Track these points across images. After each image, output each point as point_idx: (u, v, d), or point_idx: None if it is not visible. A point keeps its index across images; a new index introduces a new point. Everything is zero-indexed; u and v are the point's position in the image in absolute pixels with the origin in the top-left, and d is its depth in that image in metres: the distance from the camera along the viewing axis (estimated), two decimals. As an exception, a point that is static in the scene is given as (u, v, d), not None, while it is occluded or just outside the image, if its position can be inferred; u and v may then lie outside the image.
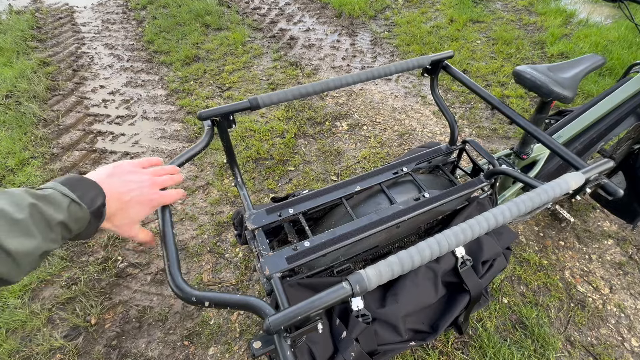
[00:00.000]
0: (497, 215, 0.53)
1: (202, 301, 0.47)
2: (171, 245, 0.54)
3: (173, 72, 3.04)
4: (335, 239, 0.77)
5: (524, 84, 0.88)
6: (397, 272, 0.47)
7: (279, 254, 0.74)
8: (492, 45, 3.24)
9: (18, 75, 2.95)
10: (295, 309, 0.43)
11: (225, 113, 0.76)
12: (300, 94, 0.80)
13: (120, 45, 3.48)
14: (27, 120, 2.50)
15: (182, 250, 1.76)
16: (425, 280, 0.82)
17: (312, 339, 0.71)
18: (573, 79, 0.86)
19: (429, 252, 0.49)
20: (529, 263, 1.67)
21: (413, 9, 3.94)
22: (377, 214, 0.82)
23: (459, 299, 0.85)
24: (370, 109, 2.61)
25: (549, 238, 1.79)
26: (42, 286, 1.61)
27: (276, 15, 3.94)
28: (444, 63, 0.94)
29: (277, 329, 0.42)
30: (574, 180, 0.59)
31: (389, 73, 0.86)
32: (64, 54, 3.35)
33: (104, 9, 4.24)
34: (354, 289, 0.45)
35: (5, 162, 2.18)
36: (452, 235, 0.51)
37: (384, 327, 0.78)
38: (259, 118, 2.53)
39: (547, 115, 0.97)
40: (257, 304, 0.46)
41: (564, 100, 0.87)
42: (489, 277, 0.90)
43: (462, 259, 0.85)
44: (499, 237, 0.91)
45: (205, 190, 2.06)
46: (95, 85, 2.95)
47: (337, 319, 0.76)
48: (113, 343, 1.44)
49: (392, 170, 0.93)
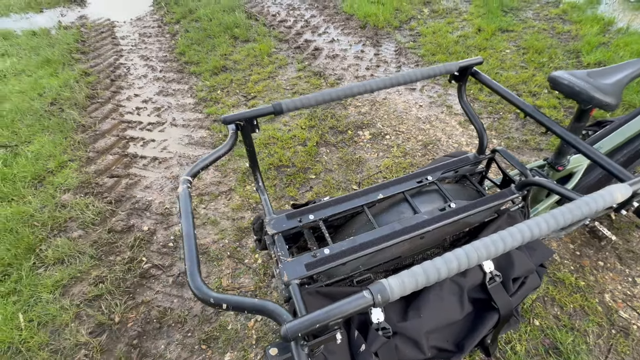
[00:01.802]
0: (532, 227, 0.50)
1: (219, 303, 0.47)
2: (192, 247, 0.54)
3: (202, 81, 3.17)
4: (356, 248, 0.75)
5: (561, 90, 0.83)
6: (422, 284, 0.45)
7: (298, 260, 0.73)
8: (522, 54, 3.13)
9: (62, 84, 3.18)
10: (313, 316, 0.42)
11: (249, 117, 0.77)
12: (324, 100, 0.80)
13: (154, 57, 3.68)
14: (67, 126, 2.68)
15: (203, 254, 1.79)
16: (450, 295, 0.78)
17: (329, 349, 0.68)
18: (616, 85, 0.80)
19: (456, 264, 0.46)
20: (564, 283, 1.56)
21: (439, 19, 3.90)
22: (400, 224, 0.79)
23: (487, 317, 0.80)
24: (393, 119, 2.58)
25: (587, 257, 1.67)
26: (72, 282, 1.69)
27: (302, 27, 4.03)
28: (472, 69, 0.91)
29: (295, 336, 0.41)
30: (620, 192, 0.54)
31: (414, 79, 0.85)
32: (103, 64, 3.59)
33: (142, 24, 4.51)
34: (375, 299, 0.43)
35: (46, 165, 2.34)
36: (482, 247, 0.47)
37: (405, 342, 0.74)
38: (282, 126, 2.57)
39: (586, 124, 0.91)
40: (275, 310, 0.45)
41: (606, 108, 0.81)
42: (520, 295, 0.85)
43: (491, 275, 0.80)
44: (532, 254, 0.86)
45: (228, 195, 2.10)
46: (130, 94, 3.12)
47: (355, 331, 0.74)
48: (134, 342, 1.47)
49: (417, 178, 0.91)
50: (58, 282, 1.67)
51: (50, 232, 1.92)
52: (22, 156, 2.39)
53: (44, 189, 2.16)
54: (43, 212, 2.01)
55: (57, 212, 2.01)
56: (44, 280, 1.68)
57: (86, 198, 2.10)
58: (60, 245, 1.82)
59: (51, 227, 1.94)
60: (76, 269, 1.73)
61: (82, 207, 2.03)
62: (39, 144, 2.49)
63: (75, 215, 2.00)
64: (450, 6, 4.17)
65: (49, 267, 1.75)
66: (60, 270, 1.72)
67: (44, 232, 1.91)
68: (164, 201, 2.09)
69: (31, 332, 1.50)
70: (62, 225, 1.96)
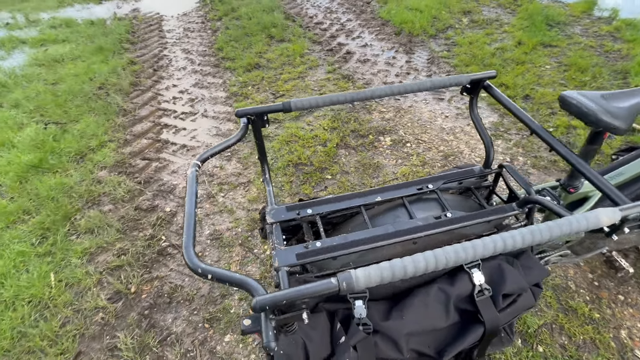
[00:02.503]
0: (506, 239, 0.51)
1: (206, 274, 0.53)
2: (191, 224, 0.60)
3: (235, 77, 3.31)
4: (347, 244, 0.78)
5: (570, 110, 0.81)
6: (387, 278, 0.48)
7: (291, 249, 0.78)
8: (563, 71, 2.98)
9: (111, 70, 3.45)
10: (281, 293, 0.46)
11: (260, 112, 0.83)
12: (331, 102, 0.84)
13: (194, 51, 3.89)
14: (111, 109, 2.91)
15: (216, 240, 1.89)
16: (435, 302, 0.79)
17: (310, 336, 0.73)
18: (629, 109, 0.77)
19: (423, 265, 0.48)
20: (576, 313, 1.49)
21: (478, 30, 3.80)
22: (393, 227, 0.82)
23: (472, 329, 0.80)
24: (417, 127, 2.56)
25: (606, 289, 1.58)
26: (99, 251, 1.85)
27: (337, 30, 4.09)
28: (485, 83, 0.92)
29: (262, 308, 0.45)
30: (607, 216, 0.54)
31: (423, 89, 0.87)
32: (148, 55, 3.85)
33: (187, 19, 4.78)
34: (340, 286, 0.46)
35: (89, 143, 2.56)
36: (452, 252, 0.50)
37: (385, 341, 0.77)
38: (305, 125, 2.63)
39: (599, 147, 0.88)
40: (252, 285, 0.50)
41: (614, 132, 0.78)
42: (510, 312, 0.84)
43: (480, 288, 0.80)
44: (528, 272, 0.84)
45: (246, 187, 2.19)
46: (169, 84, 3.33)
47: (338, 324, 0.77)
48: (145, 312, 1.59)
49: (417, 185, 0.92)
50: (86, 250, 1.84)
51: (85, 204, 2.11)
52: (69, 133, 2.64)
53: (84, 165, 2.38)
54: (81, 186, 2.21)
55: (93, 187, 2.20)
56: (75, 247, 1.85)
57: (119, 176, 2.28)
58: (92, 217, 2.00)
59: (86, 199, 2.13)
60: (103, 239, 1.88)
61: (114, 185, 2.21)
62: (84, 124, 2.73)
63: (108, 191, 2.18)
64: (491, 17, 4.05)
65: (80, 235, 1.93)
66: (89, 239, 1.89)
67: (80, 203, 2.11)
68: (187, 186, 2.22)
69: (59, 291, 1.66)
70: (95, 199, 2.14)
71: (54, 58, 3.76)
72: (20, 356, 1.45)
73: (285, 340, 0.71)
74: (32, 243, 1.87)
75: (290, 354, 0.69)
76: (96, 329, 1.54)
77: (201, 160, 0.73)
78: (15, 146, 2.52)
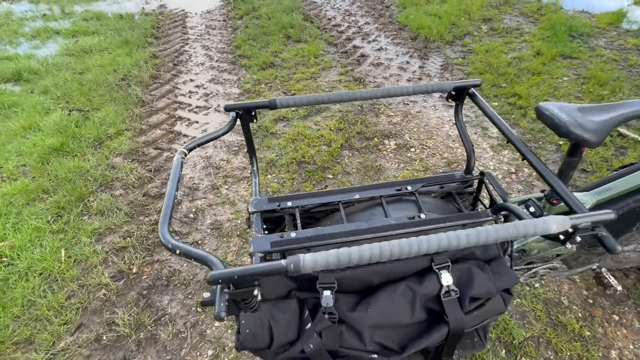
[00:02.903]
0: (451, 237, 0.54)
1: (174, 249, 0.58)
2: (169, 205, 0.66)
3: (250, 74, 3.41)
4: (320, 237, 0.82)
5: (544, 121, 0.82)
6: (333, 264, 0.52)
7: (267, 237, 0.83)
8: (581, 84, 2.91)
9: (134, 63, 3.62)
10: (234, 269, 0.51)
11: (248, 108, 0.89)
12: (316, 101, 0.88)
13: (214, 47, 4.02)
14: (130, 100, 3.06)
15: (216, 229, 1.96)
16: (402, 298, 0.82)
17: (277, 319, 0.77)
18: (603, 123, 0.77)
19: (368, 254, 0.52)
20: (566, 329, 1.47)
21: (496, 38, 3.75)
22: (367, 224, 0.85)
23: (437, 329, 0.83)
24: (423, 132, 2.56)
25: (600, 308, 1.54)
26: (106, 232, 1.96)
27: (353, 33, 4.12)
28: (470, 91, 0.94)
29: (216, 281, 0.50)
30: (557, 224, 0.56)
31: (405, 93, 0.90)
32: (170, 50, 4.01)
33: (210, 16, 4.94)
34: (288, 268, 0.51)
35: (107, 130, 2.71)
36: (397, 246, 0.53)
37: (350, 331, 0.80)
38: (312, 125, 2.68)
39: (579, 160, 0.88)
40: (212, 260, 0.55)
41: (586, 145, 0.78)
42: (478, 316, 0.85)
43: (448, 288, 0.82)
44: (498, 277, 0.86)
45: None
46: (187, 78, 3.46)
47: (307, 311, 0.81)
48: (144, 292, 1.68)
49: (396, 186, 0.95)
50: (96, 230, 1.96)
51: (98, 187, 2.24)
52: (90, 120, 2.80)
53: (101, 151, 2.52)
54: (97, 170, 2.34)
55: (107, 172, 2.33)
56: (86, 226, 1.97)
57: (132, 164, 2.40)
58: (104, 200, 2.12)
59: (100, 183, 2.26)
60: (112, 221, 2.00)
61: (127, 171, 2.33)
62: (105, 112, 2.88)
63: (121, 177, 2.30)
64: (512, 25, 3.98)
65: (91, 216, 2.05)
66: (99, 220, 2.01)
67: (94, 186, 2.24)
68: (194, 177, 2.31)
69: (68, 266, 1.78)
70: (108, 183, 2.27)
71: (83, 49, 3.97)
72: (28, 322, 1.57)
73: (252, 320, 0.76)
74: (48, 220, 2.00)
75: (255, 333, 0.74)
76: (98, 304, 1.64)
77: (188, 149, 0.79)
78: (41, 129, 2.69)
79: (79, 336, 1.52)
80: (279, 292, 0.83)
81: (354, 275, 0.83)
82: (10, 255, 1.81)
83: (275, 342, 0.75)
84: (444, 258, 0.84)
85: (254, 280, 0.53)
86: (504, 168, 2.24)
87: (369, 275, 0.84)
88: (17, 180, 2.28)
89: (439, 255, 0.84)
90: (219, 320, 0.51)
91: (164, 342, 1.50)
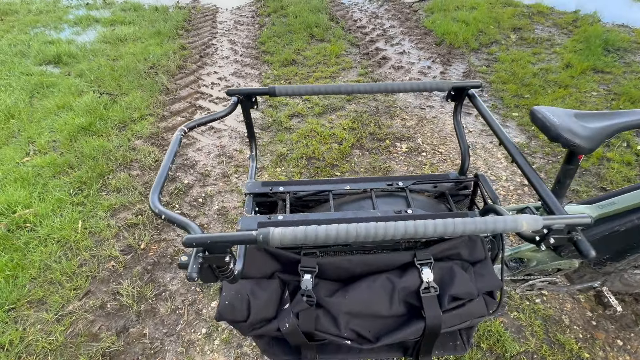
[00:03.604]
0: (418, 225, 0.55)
1: (160, 214, 0.63)
2: (163, 175, 0.71)
3: (271, 70, 3.48)
4: (305, 221, 0.85)
5: (536, 123, 0.80)
6: (300, 240, 0.54)
7: (255, 218, 0.86)
8: (610, 100, 2.78)
9: (163, 53, 3.79)
10: (207, 235, 0.55)
11: (248, 94, 0.93)
12: (313, 92, 0.91)
13: (239, 42, 4.14)
14: (156, 88, 3.21)
15: (222, 215, 2.03)
16: (381, 289, 0.83)
17: (257, 295, 0.80)
18: (598, 130, 0.74)
19: (334, 234, 0.54)
20: (563, 348, 1.41)
21: (525, 48, 3.64)
22: (353, 214, 0.87)
23: (413, 323, 0.83)
24: (436, 138, 2.53)
25: (604, 331, 1.48)
26: (121, 209, 2.07)
27: (377, 35, 4.12)
28: (470, 92, 0.93)
29: (190, 244, 0.54)
30: (528, 223, 0.56)
31: (403, 90, 0.91)
32: (198, 42, 4.16)
33: (239, 12, 5.08)
34: (257, 238, 0.54)
35: (132, 114, 2.85)
36: (363, 228, 0.55)
37: (326, 315, 0.82)
38: (326, 123, 2.71)
39: (576, 167, 0.85)
40: (192, 226, 0.59)
41: (577, 150, 0.76)
42: (457, 315, 0.85)
43: (428, 285, 0.83)
44: (480, 279, 0.85)
45: (259, 172, 2.32)
46: (211, 70, 3.58)
47: (287, 292, 0.84)
48: (149, 268, 1.77)
49: (387, 181, 0.96)
50: (111, 206, 2.07)
51: (118, 166, 2.37)
52: (118, 104, 2.96)
53: (124, 133, 2.66)
54: (118, 150, 2.48)
55: (128, 153, 2.46)
56: (103, 202, 2.09)
57: (151, 147, 2.52)
58: (122, 179, 2.24)
59: (120, 162, 2.39)
60: (127, 199, 2.11)
61: (146, 153, 2.45)
62: (132, 97, 3.04)
63: (139, 158, 2.42)
64: (543, 36, 3.85)
65: (109, 193, 2.18)
66: (115, 197, 2.13)
67: (114, 165, 2.37)
68: (207, 164, 2.40)
69: (83, 236, 1.89)
70: (128, 164, 2.40)
71: (119, 37, 4.20)
72: (43, 284, 1.69)
73: (233, 293, 0.80)
74: (70, 193, 2.14)
75: (234, 305, 0.78)
76: (106, 274, 1.74)
77: (188, 128, 0.84)
78: (72, 109, 2.87)
79: (86, 302, 1.63)
80: (263, 272, 0.87)
81: (335, 262, 0.85)
82: (34, 221, 1.95)
83: (252, 317, 0.78)
84: (427, 254, 0.85)
85: (226, 247, 0.56)
86: (517, 179, 2.18)
87: (351, 265, 0.86)
88: (47, 154, 2.45)
89: (422, 251, 0.85)
90: (190, 280, 0.54)
91: (162, 316, 1.58)
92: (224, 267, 0.61)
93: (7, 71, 3.50)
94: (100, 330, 1.53)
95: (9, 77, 3.39)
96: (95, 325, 1.54)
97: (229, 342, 1.47)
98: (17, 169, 2.29)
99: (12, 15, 5.11)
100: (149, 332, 1.52)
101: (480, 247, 0.89)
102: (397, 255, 0.85)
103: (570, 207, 1.05)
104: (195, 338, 1.50)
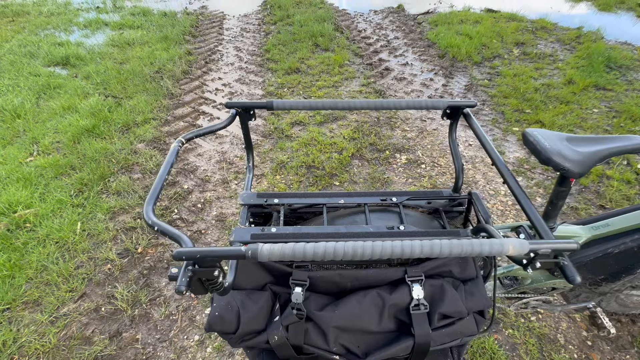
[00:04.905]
0: (405, 246, 0.56)
1: (153, 226, 0.64)
2: (158, 186, 0.73)
3: (275, 78, 3.52)
4: (298, 235, 0.86)
5: (527, 146, 0.82)
6: (288, 257, 0.55)
7: (249, 229, 0.87)
8: (612, 117, 2.78)
9: (169, 58, 3.85)
10: (199, 249, 0.56)
11: (247, 107, 0.95)
12: (310, 107, 0.93)
13: (245, 49, 4.19)
14: (161, 92, 3.25)
15: (220, 221, 2.04)
16: (371, 305, 0.84)
17: (247, 307, 0.81)
18: (589, 154, 0.75)
19: (322, 252, 0.55)
20: (557, 367, 1.40)
21: (527, 62, 3.66)
22: (346, 228, 0.88)
23: (402, 340, 0.83)
24: (436, 150, 2.54)
25: (599, 352, 1.46)
26: (120, 212, 2.09)
27: (381, 46, 4.16)
28: (465, 111, 0.95)
29: (180, 257, 0.55)
30: (514, 247, 0.56)
31: (399, 107, 0.92)
32: (204, 48, 4.22)
33: (246, 20, 5.16)
34: (246, 254, 0.55)
35: (135, 118, 2.89)
36: (351, 247, 0.56)
37: (315, 329, 0.83)
38: (327, 132, 2.73)
39: (567, 190, 0.86)
40: (183, 239, 0.60)
41: (567, 174, 0.77)
42: (447, 334, 0.85)
43: (418, 302, 0.83)
44: (470, 298, 0.85)
45: (258, 179, 2.33)
46: (215, 76, 3.63)
47: (277, 304, 0.85)
48: (145, 272, 1.77)
49: (382, 196, 0.97)
50: (111, 208, 2.09)
51: (120, 169, 2.39)
52: (122, 107, 2.99)
53: (127, 136, 2.69)
54: (120, 153, 2.51)
55: (129, 156, 2.48)
56: (103, 204, 2.11)
57: (153, 151, 2.55)
58: (122, 182, 2.26)
59: (122, 165, 2.41)
60: (126, 202, 2.13)
61: (147, 157, 2.47)
62: (136, 101, 3.08)
63: (141, 162, 2.44)
64: (546, 51, 3.87)
65: (109, 195, 2.20)
66: (115, 200, 2.14)
67: (116, 168, 2.39)
68: (208, 170, 2.42)
69: (81, 238, 1.91)
70: (129, 167, 2.42)
71: (127, 41, 4.27)
72: (39, 285, 1.70)
73: (223, 304, 0.80)
74: (71, 194, 2.16)
75: (224, 317, 0.78)
76: (102, 277, 1.75)
77: (185, 139, 0.85)
78: (77, 111, 2.91)
79: (81, 304, 1.63)
80: (255, 283, 0.87)
81: (327, 276, 0.85)
82: (34, 222, 1.97)
83: (241, 328, 0.78)
84: (418, 271, 0.85)
85: (215, 262, 0.57)
86: (516, 195, 2.18)
87: (342, 279, 0.86)
88: (50, 155, 2.48)
89: (414, 268, 0.86)
90: (178, 293, 0.55)
91: (155, 322, 1.58)
92: (214, 280, 0.62)
93: (15, 71, 3.57)
94: (94, 333, 1.53)
95: (17, 77, 3.45)
96: (88, 328, 1.54)
97: (222, 350, 1.47)
98: (20, 168, 2.32)
99: (23, 16, 5.21)
100: (142, 337, 1.52)
101: (471, 265, 0.89)
102: (388, 271, 0.86)
103: (564, 227, 1.05)
104: (187, 345, 1.49)
